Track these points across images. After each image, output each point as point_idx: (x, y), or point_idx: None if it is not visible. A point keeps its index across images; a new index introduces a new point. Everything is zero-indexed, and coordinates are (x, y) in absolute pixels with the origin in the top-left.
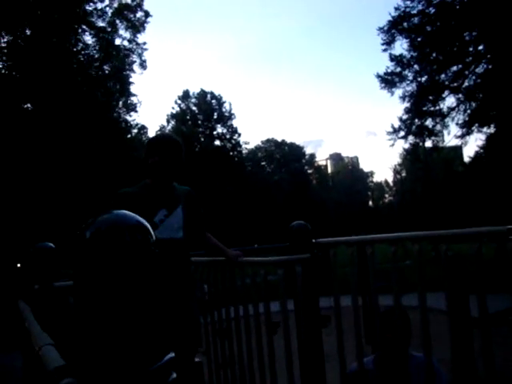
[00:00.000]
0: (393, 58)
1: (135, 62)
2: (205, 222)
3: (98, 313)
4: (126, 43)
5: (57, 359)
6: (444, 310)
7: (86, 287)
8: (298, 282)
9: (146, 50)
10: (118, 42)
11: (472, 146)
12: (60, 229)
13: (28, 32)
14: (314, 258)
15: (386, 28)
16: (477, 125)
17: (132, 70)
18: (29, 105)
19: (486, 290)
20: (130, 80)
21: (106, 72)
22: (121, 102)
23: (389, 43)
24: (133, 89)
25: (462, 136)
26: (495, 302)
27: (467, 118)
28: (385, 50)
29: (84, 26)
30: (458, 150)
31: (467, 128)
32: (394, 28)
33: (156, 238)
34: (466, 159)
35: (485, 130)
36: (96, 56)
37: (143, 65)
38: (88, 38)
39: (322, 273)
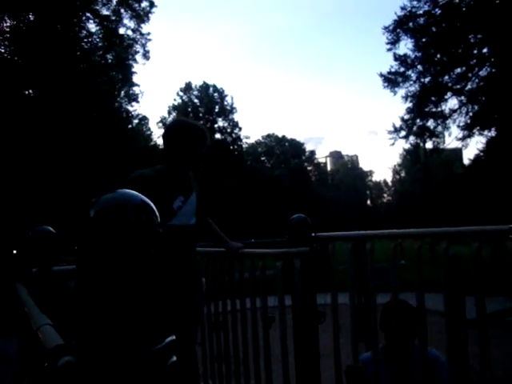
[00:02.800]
0: (397, 58)
1: (138, 52)
2: (210, 209)
3: (101, 291)
4: (129, 33)
5: (56, 338)
6: (436, 310)
7: (88, 266)
8: (297, 276)
9: (149, 40)
10: (121, 31)
11: (472, 148)
12: (60, 215)
13: (31, 17)
14: (313, 252)
15: (391, 27)
16: (478, 128)
17: (135, 60)
18: (30, 91)
19: (484, 291)
20: (133, 70)
21: (109, 61)
22: (123, 92)
23: (393, 43)
24: (135, 79)
25: (463, 138)
26: (489, 305)
27: (469, 121)
28: (389, 50)
29: (88, 14)
30: (458, 153)
31: (468, 130)
32: (400, 27)
33: (173, 224)
34: (466, 162)
35: (486, 133)
36: (99, 44)
37: (146, 55)
38: (92, 26)
39: (320, 268)
